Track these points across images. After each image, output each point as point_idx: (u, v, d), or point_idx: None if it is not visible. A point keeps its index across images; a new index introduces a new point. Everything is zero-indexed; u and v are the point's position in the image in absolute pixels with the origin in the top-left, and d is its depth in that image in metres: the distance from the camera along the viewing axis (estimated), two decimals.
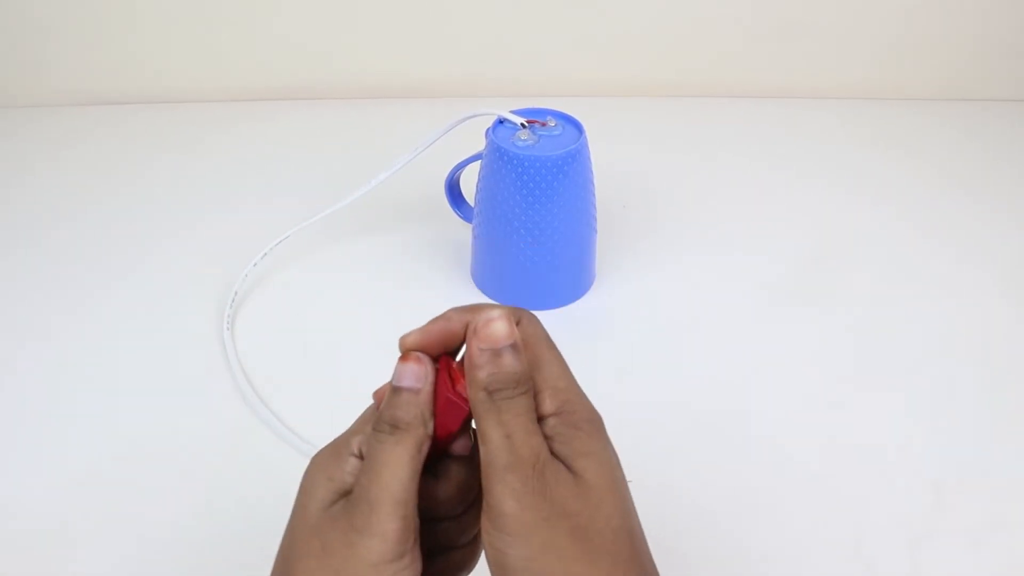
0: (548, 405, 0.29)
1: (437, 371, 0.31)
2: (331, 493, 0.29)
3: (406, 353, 0.30)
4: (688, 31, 0.86)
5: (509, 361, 0.29)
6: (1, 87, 0.87)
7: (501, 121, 0.57)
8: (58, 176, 0.77)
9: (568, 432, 0.29)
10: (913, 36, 0.87)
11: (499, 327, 0.29)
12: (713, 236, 0.69)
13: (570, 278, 0.62)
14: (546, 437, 0.29)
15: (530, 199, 0.55)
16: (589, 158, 0.58)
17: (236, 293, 0.60)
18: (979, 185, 0.77)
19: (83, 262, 0.66)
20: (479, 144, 0.58)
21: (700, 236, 0.69)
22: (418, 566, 0.29)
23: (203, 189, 0.75)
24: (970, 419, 0.54)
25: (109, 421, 0.53)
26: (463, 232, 0.66)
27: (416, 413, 0.29)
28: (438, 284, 0.64)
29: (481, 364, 0.29)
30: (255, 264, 0.61)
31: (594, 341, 0.59)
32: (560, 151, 0.55)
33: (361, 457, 0.30)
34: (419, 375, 0.30)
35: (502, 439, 0.28)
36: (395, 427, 0.29)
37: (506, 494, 0.27)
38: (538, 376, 0.30)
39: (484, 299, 0.62)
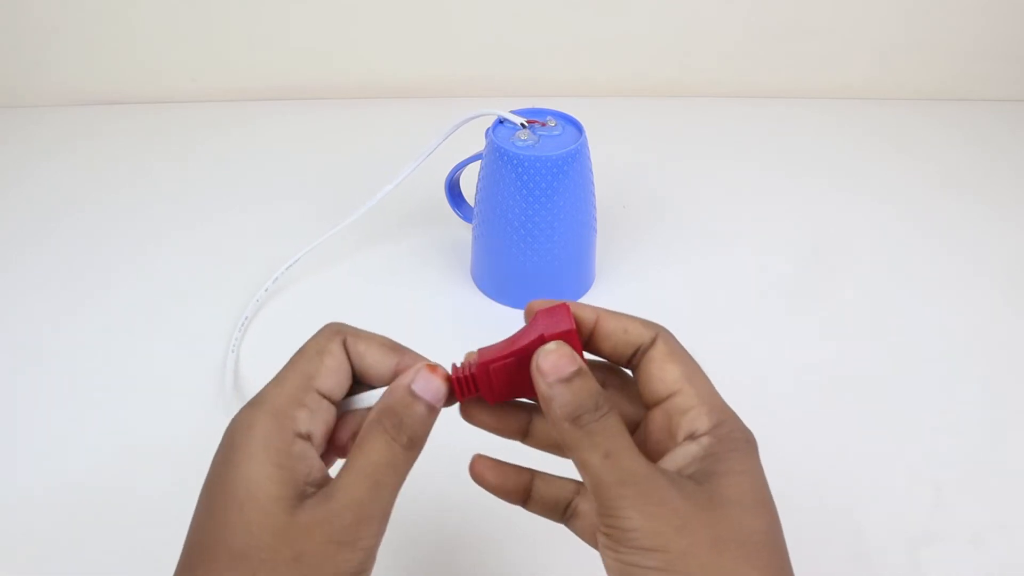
0: (704, 422, 0.29)
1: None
2: (286, 487, 0.27)
3: (435, 366, 0.29)
4: (688, 31, 0.86)
5: (580, 385, 0.28)
6: (1, 87, 0.87)
7: (501, 121, 0.57)
8: (58, 176, 0.77)
9: (724, 451, 0.28)
10: (913, 36, 0.87)
11: (557, 358, 0.28)
12: (713, 236, 0.69)
13: (570, 278, 0.62)
14: (700, 455, 0.28)
15: (530, 199, 0.55)
16: (589, 158, 0.58)
17: (246, 318, 0.59)
18: (979, 185, 0.77)
19: (83, 263, 0.66)
20: (479, 144, 0.58)
21: (700, 236, 0.69)
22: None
23: (204, 189, 0.75)
24: (970, 419, 0.54)
25: (109, 419, 0.53)
26: (463, 232, 0.66)
27: (426, 432, 0.29)
28: (438, 284, 0.64)
29: (554, 396, 0.28)
30: (266, 289, 0.61)
31: None
32: (560, 151, 0.55)
33: (308, 439, 0.28)
34: (440, 395, 0.29)
35: (602, 459, 0.27)
36: (412, 440, 0.28)
37: (628, 508, 0.26)
38: (689, 391, 0.29)
39: (484, 299, 0.62)
